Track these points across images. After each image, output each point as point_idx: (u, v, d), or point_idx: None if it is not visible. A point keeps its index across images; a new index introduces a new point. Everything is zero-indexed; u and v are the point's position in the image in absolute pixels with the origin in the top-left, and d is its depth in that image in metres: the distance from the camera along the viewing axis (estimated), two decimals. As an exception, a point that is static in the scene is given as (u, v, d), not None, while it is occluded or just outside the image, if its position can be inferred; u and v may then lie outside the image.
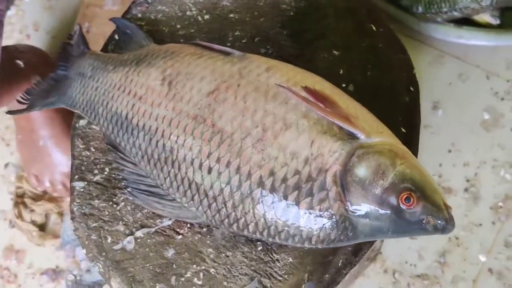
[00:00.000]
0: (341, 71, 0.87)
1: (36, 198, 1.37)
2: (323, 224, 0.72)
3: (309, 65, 0.86)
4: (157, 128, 0.81)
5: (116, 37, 0.96)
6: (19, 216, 1.35)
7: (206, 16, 0.93)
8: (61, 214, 1.38)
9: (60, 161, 1.31)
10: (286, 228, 0.74)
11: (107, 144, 0.88)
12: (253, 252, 0.83)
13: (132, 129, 0.84)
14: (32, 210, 1.36)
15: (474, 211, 1.26)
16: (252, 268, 0.82)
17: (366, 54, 0.88)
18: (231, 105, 0.77)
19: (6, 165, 1.42)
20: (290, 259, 0.82)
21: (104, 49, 0.96)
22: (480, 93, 1.32)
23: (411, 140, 0.84)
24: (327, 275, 0.81)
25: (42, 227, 1.38)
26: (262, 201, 0.74)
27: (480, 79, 1.33)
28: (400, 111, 0.85)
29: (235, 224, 0.77)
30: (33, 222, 1.36)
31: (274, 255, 0.83)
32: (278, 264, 0.82)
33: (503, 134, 1.29)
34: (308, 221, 0.73)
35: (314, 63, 0.88)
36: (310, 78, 0.78)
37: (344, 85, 0.86)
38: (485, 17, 1.27)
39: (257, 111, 0.76)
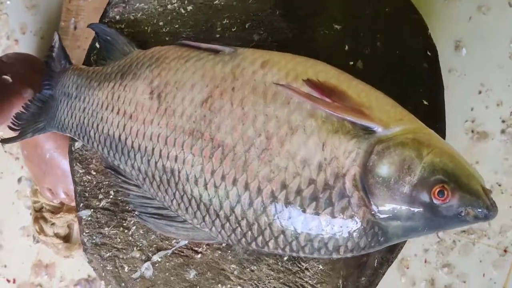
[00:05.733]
0: (346, 47, 0.77)
1: (55, 210, 1.31)
2: (350, 234, 0.65)
3: (310, 45, 0.77)
4: (153, 148, 0.73)
5: (97, 45, 0.87)
6: (41, 231, 1.30)
7: (189, 7, 0.84)
8: (83, 222, 1.33)
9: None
10: (309, 243, 0.66)
11: (106, 167, 0.81)
12: (279, 263, 0.76)
13: (128, 151, 0.76)
14: (53, 224, 1.30)
15: (514, 153, 1.17)
16: (281, 281, 0.76)
17: (372, 23, 0.77)
18: (228, 113, 0.69)
19: (19, 180, 1.37)
20: (321, 266, 0.75)
21: (87, 60, 0.88)
22: (504, 23, 1.20)
23: (436, 113, 0.75)
24: (363, 278, 0.74)
25: (66, 238, 1.33)
26: (278, 217, 0.66)
27: (502, 8, 1.21)
28: (420, 81, 0.76)
29: (254, 243, 0.70)
30: (57, 235, 1.31)
31: (303, 264, 0.76)
32: (308, 273, 0.75)
33: (534, 64, 1.18)
34: (332, 232, 0.65)
35: (315, 42, 0.78)
36: (312, 68, 0.69)
37: (351, 63, 0.77)
38: None
39: (258, 116, 0.67)
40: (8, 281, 1.36)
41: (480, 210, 0.62)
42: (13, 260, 1.36)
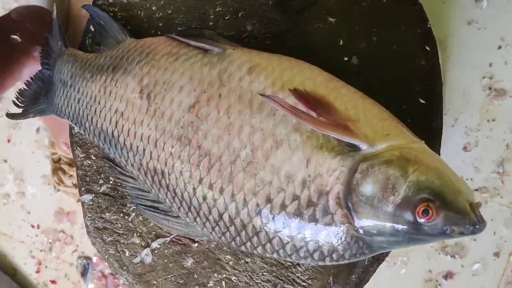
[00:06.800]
0: (341, 42, 0.74)
1: (71, 163, 1.34)
2: (334, 247, 0.65)
3: (304, 39, 0.74)
4: (144, 149, 0.73)
5: (92, 28, 0.85)
6: (60, 182, 1.34)
7: (182, -8, 0.81)
8: (100, 172, 1.36)
9: None
10: (295, 253, 0.67)
11: (103, 157, 0.82)
12: (273, 257, 0.78)
13: (120, 148, 0.76)
14: (71, 175, 1.34)
15: (531, 111, 1.13)
16: (274, 274, 0.77)
17: (368, 15, 0.73)
18: (214, 121, 0.68)
19: (38, 130, 1.39)
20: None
21: (83, 44, 0.87)
22: (528, -26, 1.13)
23: (433, 111, 0.72)
24: (353, 276, 0.75)
25: (85, 188, 1.36)
26: (263, 228, 0.67)
27: (526, -42, 1.14)
28: (417, 78, 0.73)
29: (243, 246, 0.71)
30: (75, 185, 1.34)
31: (295, 259, 0.77)
32: (300, 269, 0.76)
33: (558, 19, 1.12)
34: (317, 246, 0.65)
35: (309, 36, 0.75)
36: (299, 75, 0.67)
37: (346, 58, 0.74)
38: None
39: (243, 127, 0.66)
40: (33, 226, 1.42)
41: (466, 227, 0.61)
42: (36, 207, 1.41)
